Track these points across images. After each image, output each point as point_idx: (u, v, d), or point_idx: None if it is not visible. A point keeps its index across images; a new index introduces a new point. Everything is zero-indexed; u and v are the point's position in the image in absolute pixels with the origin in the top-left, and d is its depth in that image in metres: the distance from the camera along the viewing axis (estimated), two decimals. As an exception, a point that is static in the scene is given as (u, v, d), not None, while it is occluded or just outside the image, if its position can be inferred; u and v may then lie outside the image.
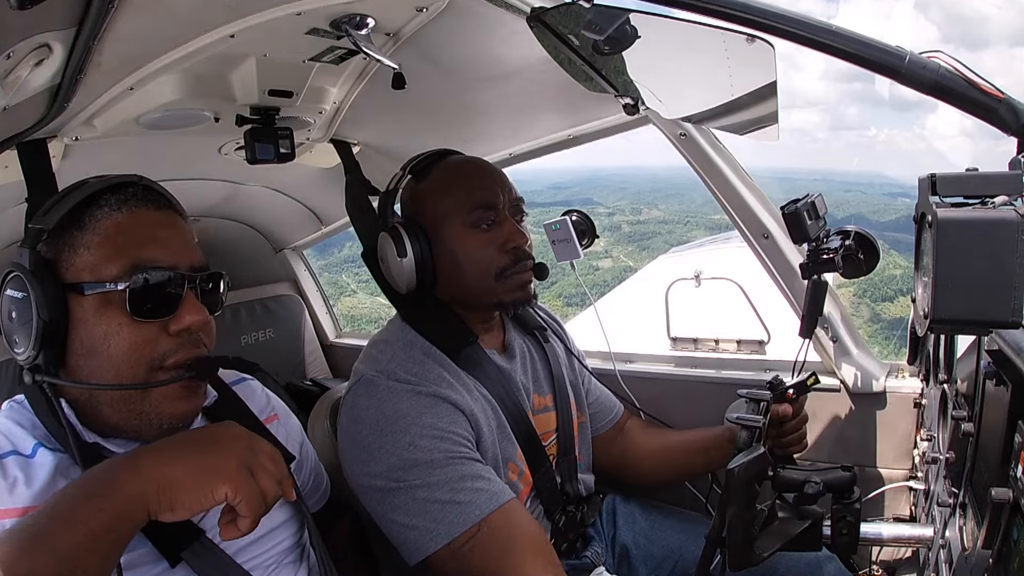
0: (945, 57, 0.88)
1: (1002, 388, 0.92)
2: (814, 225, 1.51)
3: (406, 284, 1.52)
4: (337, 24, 1.36)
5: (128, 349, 1.04)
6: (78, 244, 1.06)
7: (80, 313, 1.03)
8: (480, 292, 1.52)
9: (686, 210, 15.94)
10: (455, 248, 1.50)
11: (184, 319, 1.07)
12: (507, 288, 1.51)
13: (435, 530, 1.29)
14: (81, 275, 1.04)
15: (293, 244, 3.28)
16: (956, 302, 0.84)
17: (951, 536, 1.11)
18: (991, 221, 0.82)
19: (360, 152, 2.16)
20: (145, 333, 1.05)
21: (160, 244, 1.08)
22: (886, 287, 26.82)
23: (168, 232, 1.11)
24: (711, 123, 1.78)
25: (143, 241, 1.07)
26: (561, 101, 1.98)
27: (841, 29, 0.91)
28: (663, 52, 1.43)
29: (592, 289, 1.87)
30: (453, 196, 1.51)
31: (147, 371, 1.05)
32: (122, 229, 1.07)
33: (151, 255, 1.06)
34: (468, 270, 1.50)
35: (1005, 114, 0.86)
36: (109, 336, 1.03)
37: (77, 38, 1.10)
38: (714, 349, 2.37)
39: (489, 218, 1.50)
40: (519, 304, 1.57)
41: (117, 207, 1.08)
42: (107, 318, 1.03)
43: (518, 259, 1.51)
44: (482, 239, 1.49)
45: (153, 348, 1.05)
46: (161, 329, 1.06)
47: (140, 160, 1.93)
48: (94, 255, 1.05)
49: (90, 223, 1.06)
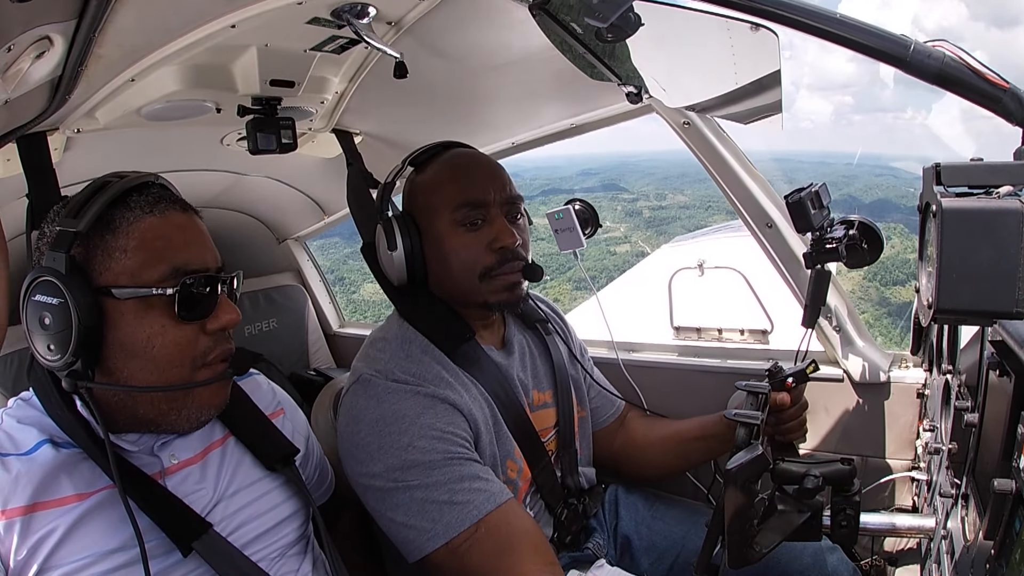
0: (950, 46, 0.87)
1: (1005, 379, 0.92)
2: (818, 214, 1.50)
3: (397, 277, 1.52)
4: (338, 13, 1.36)
5: (173, 350, 1.08)
6: (112, 248, 1.06)
7: (117, 316, 1.05)
8: (466, 291, 1.51)
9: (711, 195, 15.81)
10: (442, 245, 1.49)
11: (221, 318, 1.13)
12: (492, 289, 1.49)
13: (433, 530, 1.29)
14: (119, 279, 1.06)
15: (296, 234, 3.29)
16: (960, 292, 0.83)
17: (953, 527, 1.11)
18: (995, 211, 0.81)
19: (362, 142, 2.16)
20: (187, 333, 1.09)
21: (195, 247, 1.13)
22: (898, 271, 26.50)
23: (198, 235, 1.15)
24: (715, 112, 1.77)
25: (180, 245, 1.10)
26: (563, 90, 1.97)
27: (846, 17, 0.90)
28: (667, 40, 1.42)
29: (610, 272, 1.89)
30: (443, 192, 1.49)
31: (191, 370, 1.10)
32: (157, 233, 1.09)
33: (188, 258, 1.10)
34: (454, 268, 1.49)
35: (1010, 104, 0.85)
36: (153, 338, 1.06)
37: (78, 30, 1.10)
38: (717, 338, 2.36)
39: (478, 216, 1.48)
40: (505, 306, 1.55)
41: (148, 209, 1.10)
42: (149, 321, 1.06)
43: (504, 259, 1.48)
44: (468, 237, 1.48)
45: (195, 347, 1.10)
46: (199, 329, 1.11)
47: (142, 152, 1.93)
48: (132, 259, 1.06)
49: (122, 226, 1.07)
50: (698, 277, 2.90)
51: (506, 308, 1.57)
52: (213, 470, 1.18)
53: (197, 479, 1.16)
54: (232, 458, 1.22)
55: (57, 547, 0.99)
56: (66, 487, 1.03)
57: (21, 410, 1.10)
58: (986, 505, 0.89)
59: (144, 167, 1.18)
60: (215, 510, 1.15)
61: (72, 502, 1.02)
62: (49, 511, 1.00)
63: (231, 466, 1.21)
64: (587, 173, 69.60)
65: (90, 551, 1.00)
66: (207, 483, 1.16)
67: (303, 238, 3.35)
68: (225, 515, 1.16)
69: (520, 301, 1.57)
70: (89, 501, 1.03)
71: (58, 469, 1.03)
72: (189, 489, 1.14)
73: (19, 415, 1.09)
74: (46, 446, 1.05)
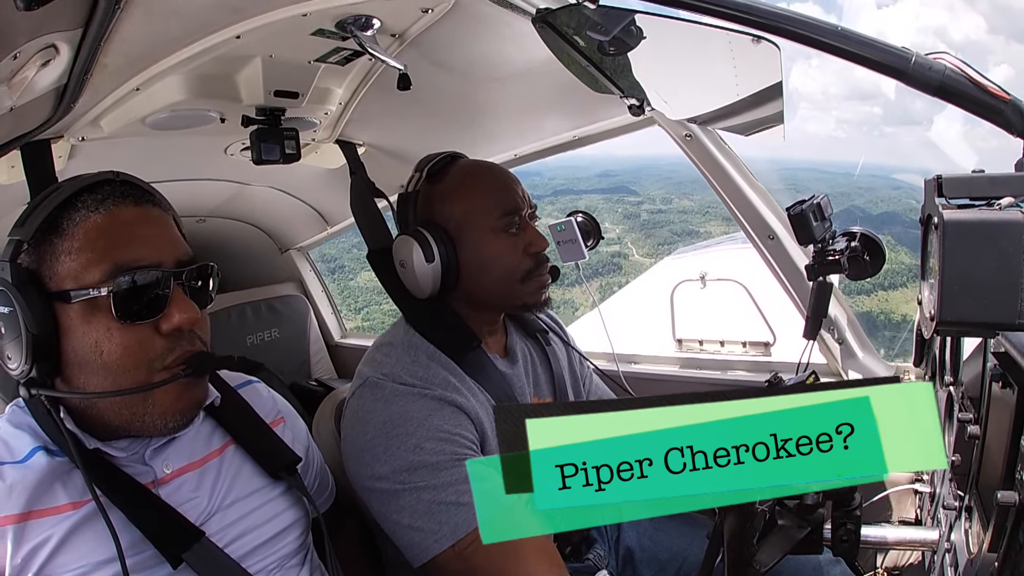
0: (951, 58, 0.87)
1: (1008, 391, 0.92)
2: (820, 226, 1.50)
3: (430, 288, 1.50)
4: (343, 25, 1.37)
5: (121, 354, 1.01)
6: (59, 251, 1.02)
7: (68, 322, 1.01)
8: (504, 294, 1.52)
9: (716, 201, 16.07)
10: (480, 252, 1.49)
11: (174, 318, 1.03)
12: (530, 290, 1.52)
13: (440, 532, 1.28)
14: (65, 283, 1.01)
15: (299, 244, 3.30)
16: (962, 304, 0.83)
17: (957, 539, 1.10)
18: (997, 223, 0.81)
19: (365, 153, 2.16)
20: (137, 335, 1.02)
21: (142, 242, 1.04)
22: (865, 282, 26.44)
23: (149, 228, 1.07)
24: (716, 124, 1.78)
25: (124, 241, 1.03)
26: (566, 102, 1.98)
27: (847, 30, 0.91)
28: (669, 53, 1.43)
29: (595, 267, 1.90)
30: (480, 200, 1.50)
31: (146, 373, 1.03)
32: (101, 231, 1.02)
33: (133, 254, 1.02)
34: (494, 274, 1.50)
35: (1011, 115, 0.86)
36: (100, 343, 1.01)
37: (84, 39, 1.11)
38: (719, 351, 2.36)
39: (516, 223, 1.51)
40: (540, 306, 1.58)
41: (94, 208, 1.03)
42: (95, 325, 1.00)
43: (540, 262, 1.53)
44: (509, 243, 1.50)
45: (148, 350, 1.03)
46: (153, 330, 1.03)
47: (146, 160, 1.94)
48: (75, 261, 1.01)
49: (68, 227, 1.02)
50: (700, 289, 2.91)
51: (541, 308, 1.59)
52: (210, 479, 1.16)
53: (192, 488, 1.13)
54: (231, 467, 1.20)
55: (52, 556, 0.97)
56: (60, 495, 1.01)
57: (16, 416, 1.08)
58: (990, 517, 0.89)
59: (147, 176, 1.16)
60: (211, 520, 1.12)
61: (67, 510, 1.00)
62: (44, 519, 0.98)
63: (230, 475, 1.18)
64: (606, 175, 69.44)
65: (85, 560, 0.98)
66: (203, 492, 1.13)
67: (305, 248, 3.35)
68: (222, 526, 1.13)
69: (549, 301, 1.60)
70: (84, 509, 1.00)
71: (52, 477, 1.01)
72: (184, 498, 1.10)
73: (15, 421, 1.07)
74: (39, 453, 1.03)
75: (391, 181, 1.64)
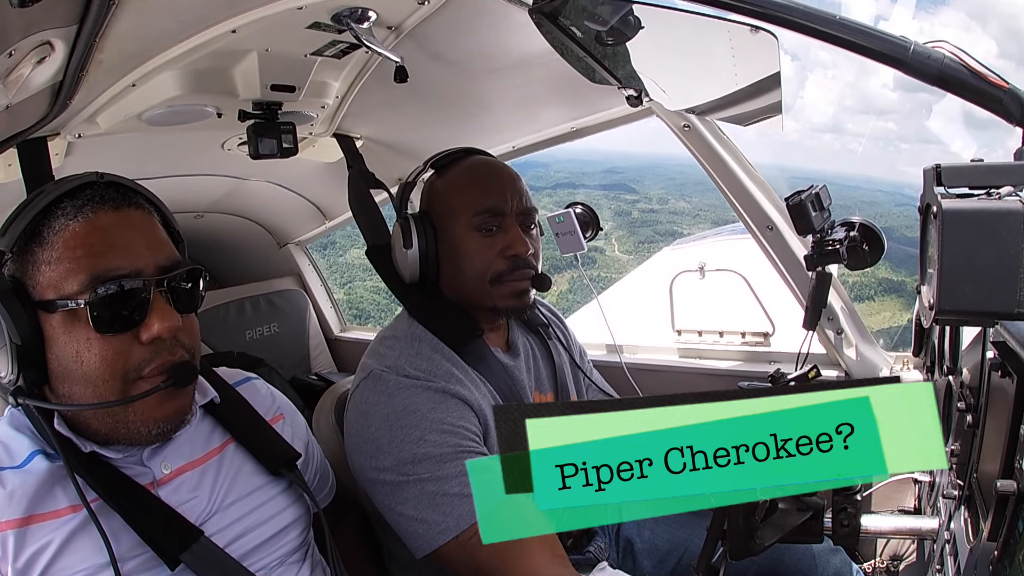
0: (949, 47, 0.87)
1: (1007, 380, 0.92)
2: (818, 216, 1.50)
3: (409, 274, 1.54)
4: (338, 18, 1.36)
5: (100, 365, 1.00)
6: (39, 260, 1.01)
7: (52, 332, 1.00)
8: (476, 294, 1.53)
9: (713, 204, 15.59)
10: (457, 247, 1.51)
11: (154, 327, 1.01)
12: (501, 294, 1.52)
13: (444, 523, 1.29)
14: (47, 292, 1.00)
15: (297, 239, 3.29)
16: (961, 293, 0.83)
17: (956, 528, 1.10)
18: (996, 212, 0.81)
19: (363, 146, 2.16)
20: (116, 346, 1.00)
21: (119, 250, 1.02)
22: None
23: (127, 234, 1.04)
24: (715, 115, 1.77)
25: (100, 250, 1.01)
26: (564, 93, 1.98)
27: (845, 20, 0.90)
28: (667, 43, 1.43)
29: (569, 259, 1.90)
30: (464, 196, 1.51)
31: (123, 384, 1.01)
32: (79, 240, 1.01)
33: (109, 264, 1.00)
34: (467, 271, 1.51)
35: (1010, 104, 0.85)
36: (80, 354, 0.99)
37: (79, 35, 1.10)
38: (719, 341, 2.36)
39: (495, 223, 1.50)
40: (513, 312, 1.58)
41: (73, 215, 1.02)
42: (75, 335, 0.99)
43: (515, 267, 1.51)
44: (484, 242, 1.50)
45: (126, 360, 1.01)
46: (133, 339, 1.01)
47: (143, 157, 1.93)
48: (55, 271, 1.00)
49: (48, 236, 1.01)
50: (699, 280, 2.90)
51: (513, 314, 1.60)
52: (210, 478, 1.15)
53: (192, 487, 1.12)
54: (232, 465, 1.19)
55: (53, 560, 0.97)
56: (60, 499, 1.00)
57: (16, 419, 1.08)
58: (989, 506, 0.89)
59: (145, 172, 1.16)
60: (212, 520, 1.11)
61: (67, 514, 1.00)
62: (44, 524, 0.98)
63: (230, 474, 1.18)
64: (612, 171, 69.24)
65: (86, 564, 0.98)
66: (202, 491, 1.13)
67: (304, 242, 3.35)
68: (223, 525, 1.12)
69: (527, 308, 1.59)
70: (84, 512, 1.00)
71: (52, 481, 1.01)
72: (183, 498, 1.10)
73: (14, 423, 1.07)
74: (38, 457, 1.03)
75: (389, 174, 1.64)
